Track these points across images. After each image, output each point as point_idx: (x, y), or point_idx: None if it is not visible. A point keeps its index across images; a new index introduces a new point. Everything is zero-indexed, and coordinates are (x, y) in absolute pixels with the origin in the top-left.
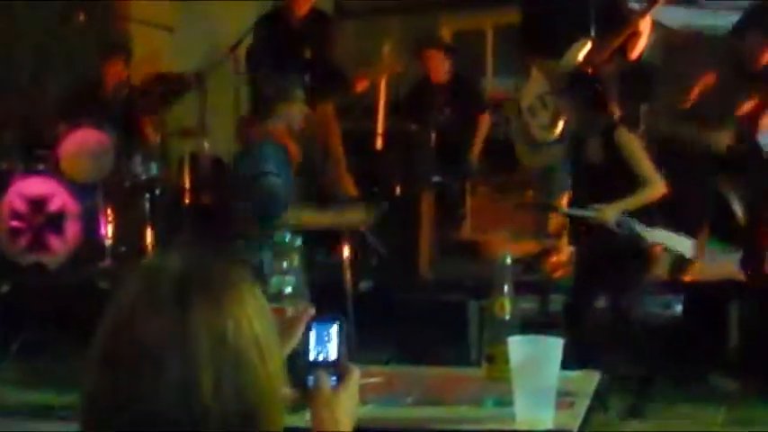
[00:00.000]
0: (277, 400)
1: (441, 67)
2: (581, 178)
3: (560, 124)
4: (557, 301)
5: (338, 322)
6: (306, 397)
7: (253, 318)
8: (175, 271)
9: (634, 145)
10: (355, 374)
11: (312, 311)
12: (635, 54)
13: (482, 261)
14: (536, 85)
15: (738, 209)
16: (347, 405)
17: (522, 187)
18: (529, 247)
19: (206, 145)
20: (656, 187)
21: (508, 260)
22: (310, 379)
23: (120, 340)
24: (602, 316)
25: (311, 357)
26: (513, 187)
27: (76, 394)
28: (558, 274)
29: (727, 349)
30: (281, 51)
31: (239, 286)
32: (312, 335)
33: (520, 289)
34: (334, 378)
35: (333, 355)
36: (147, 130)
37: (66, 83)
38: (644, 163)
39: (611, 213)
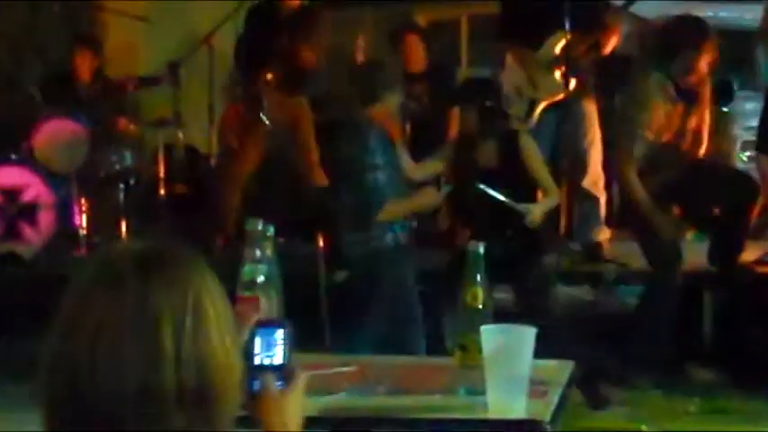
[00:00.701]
0: (234, 377)
1: (417, 53)
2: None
3: (536, 114)
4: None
5: (283, 327)
6: (253, 401)
7: (213, 295)
8: (133, 253)
9: (534, 152)
10: (302, 378)
11: (255, 317)
12: (608, 50)
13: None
14: (511, 75)
15: None
16: (295, 408)
17: None
18: None
19: (180, 135)
20: (555, 195)
21: (481, 249)
22: (256, 383)
23: (80, 314)
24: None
25: (257, 362)
26: None
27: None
28: None
29: (701, 339)
30: (267, 42)
31: (195, 264)
32: (257, 340)
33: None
34: (280, 382)
35: (279, 360)
36: (121, 121)
37: (40, 73)
38: (543, 170)
39: (538, 213)
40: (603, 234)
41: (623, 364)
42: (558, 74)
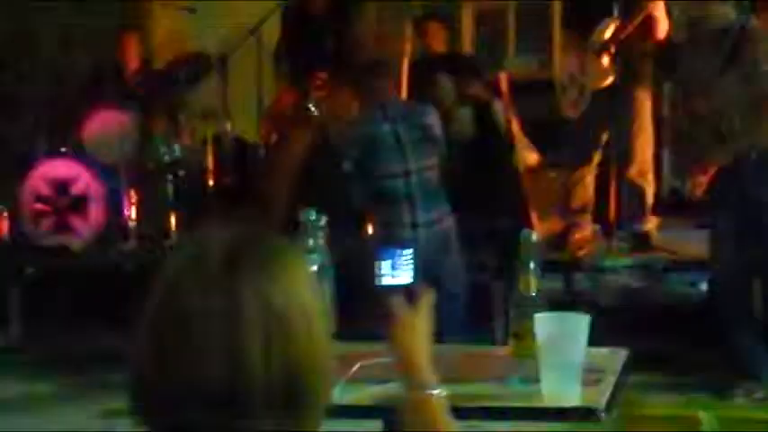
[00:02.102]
0: (324, 373)
1: (440, 40)
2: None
3: (585, 101)
4: (581, 280)
5: (412, 248)
6: (382, 321)
7: (301, 288)
8: (224, 242)
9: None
10: (429, 298)
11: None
12: (658, 36)
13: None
14: (566, 61)
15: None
16: (423, 328)
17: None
18: (552, 224)
19: (228, 127)
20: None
21: (534, 237)
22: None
23: (168, 310)
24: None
25: (385, 282)
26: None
27: (103, 375)
28: (583, 252)
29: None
30: (306, 41)
31: (286, 256)
32: (384, 263)
33: (544, 268)
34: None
35: (405, 280)
36: (170, 112)
37: (90, 64)
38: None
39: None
40: (651, 223)
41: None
42: (606, 60)
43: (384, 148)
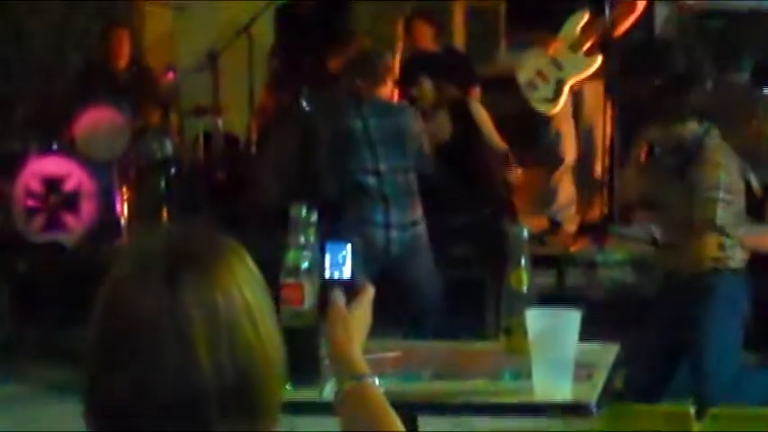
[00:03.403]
0: (275, 370)
1: (426, 37)
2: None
3: (563, 96)
4: (573, 275)
5: (351, 244)
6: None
7: (243, 287)
8: (162, 247)
9: (485, 117)
10: (369, 292)
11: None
12: (621, 30)
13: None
14: (531, 59)
15: (754, 180)
16: (360, 321)
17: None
18: (539, 221)
19: (220, 123)
20: None
21: (525, 232)
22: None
23: (116, 320)
24: None
25: (326, 276)
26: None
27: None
28: (575, 247)
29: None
30: (297, 39)
31: (227, 256)
32: (327, 256)
33: (536, 263)
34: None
35: (346, 275)
36: (162, 109)
37: (81, 62)
38: (495, 134)
39: None
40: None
41: None
42: (582, 52)
43: (354, 144)
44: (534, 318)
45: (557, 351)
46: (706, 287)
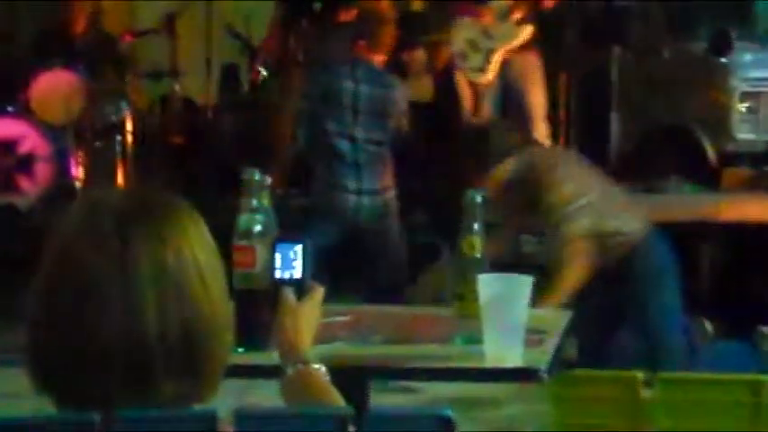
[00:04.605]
0: (221, 333)
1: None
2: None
3: (494, 65)
4: (528, 242)
5: (302, 243)
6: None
7: (194, 247)
8: (115, 203)
9: (466, 88)
10: (319, 292)
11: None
12: (549, 2)
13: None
14: (463, 30)
15: (710, 149)
16: (309, 318)
17: None
18: None
19: (177, 87)
20: None
21: (478, 198)
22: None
23: (63, 272)
24: None
25: (277, 276)
26: None
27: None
28: None
29: (698, 290)
30: None
31: (179, 216)
32: (278, 255)
33: (490, 229)
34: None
35: (297, 274)
36: (118, 72)
37: (37, 24)
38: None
39: None
40: None
41: None
42: (512, 21)
43: (337, 104)
44: (486, 283)
45: (508, 316)
46: (629, 269)
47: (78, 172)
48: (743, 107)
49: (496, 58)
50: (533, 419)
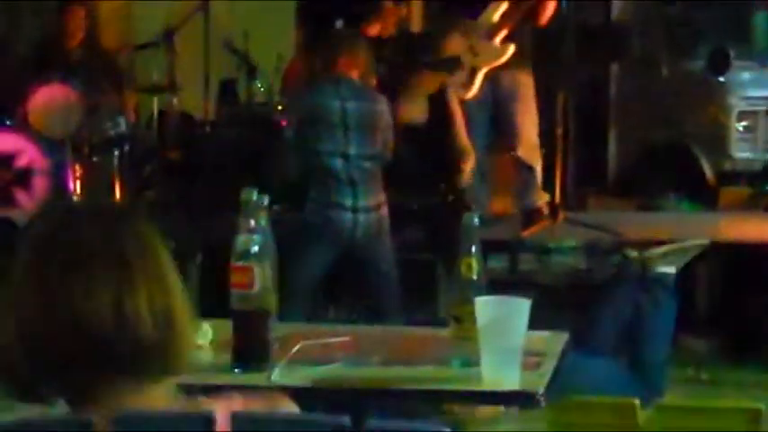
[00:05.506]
0: (188, 330)
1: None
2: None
3: (477, 82)
4: (526, 261)
5: None
6: None
7: (161, 249)
8: (86, 204)
9: (458, 110)
10: None
11: None
12: (544, 20)
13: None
14: (452, 44)
15: (708, 168)
16: None
17: None
18: (505, 204)
19: (175, 101)
20: (471, 155)
21: (476, 220)
22: None
23: (46, 255)
24: None
25: None
26: None
27: None
28: (527, 232)
29: (695, 309)
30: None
31: (137, 217)
32: None
33: (489, 248)
34: None
35: None
36: (116, 86)
37: (34, 38)
38: (463, 129)
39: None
40: (542, 199)
41: None
42: (497, 41)
43: (326, 123)
44: (483, 305)
45: (505, 339)
46: None
47: (75, 186)
48: (740, 126)
49: (479, 76)
50: None
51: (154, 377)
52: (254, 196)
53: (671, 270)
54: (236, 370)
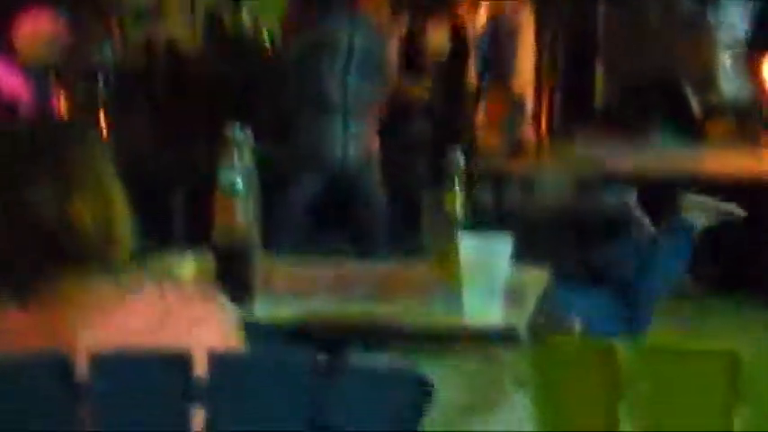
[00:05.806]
0: (128, 241)
1: None
2: None
3: (481, 17)
4: (512, 194)
5: None
6: None
7: (108, 166)
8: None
9: None
10: None
11: None
12: None
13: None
14: None
15: (694, 102)
16: None
17: None
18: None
19: (162, 28)
20: None
21: (461, 157)
22: None
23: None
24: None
25: None
26: None
27: None
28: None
29: None
30: None
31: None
32: None
33: (477, 182)
34: None
35: None
36: (102, 14)
37: None
38: None
39: None
40: (528, 132)
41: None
42: None
43: (332, 49)
44: (466, 241)
45: (488, 275)
46: None
47: (60, 114)
48: (728, 59)
49: (482, 12)
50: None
51: (96, 274)
52: (239, 132)
53: (699, 221)
54: None
